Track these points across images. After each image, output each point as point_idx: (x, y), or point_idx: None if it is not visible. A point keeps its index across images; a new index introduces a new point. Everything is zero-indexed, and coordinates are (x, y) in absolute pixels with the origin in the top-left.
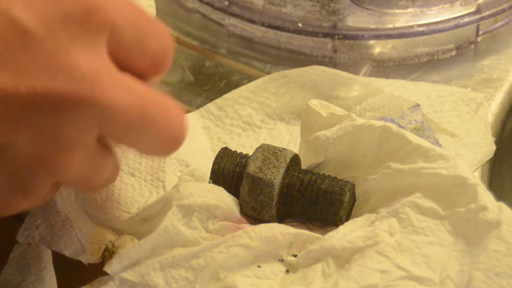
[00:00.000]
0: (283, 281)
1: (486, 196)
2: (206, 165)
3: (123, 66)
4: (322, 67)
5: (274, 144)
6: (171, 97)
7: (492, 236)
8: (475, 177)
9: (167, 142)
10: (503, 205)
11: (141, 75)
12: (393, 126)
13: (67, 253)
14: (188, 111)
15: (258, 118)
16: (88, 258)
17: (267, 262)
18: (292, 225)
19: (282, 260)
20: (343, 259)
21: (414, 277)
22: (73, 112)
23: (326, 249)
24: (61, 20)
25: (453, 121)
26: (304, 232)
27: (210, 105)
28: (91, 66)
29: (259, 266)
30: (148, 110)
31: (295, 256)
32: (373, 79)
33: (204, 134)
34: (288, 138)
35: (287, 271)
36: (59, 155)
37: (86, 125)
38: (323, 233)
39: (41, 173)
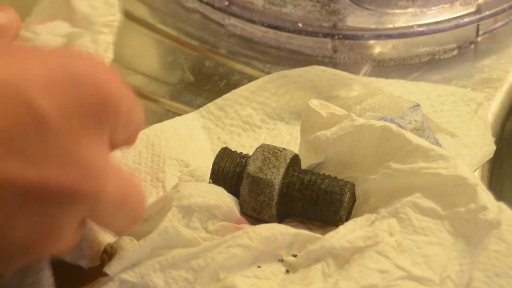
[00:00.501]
0: (283, 281)
1: (486, 196)
2: (206, 165)
3: None
4: (322, 67)
5: (274, 144)
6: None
7: (492, 236)
8: (475, 177)
9: (134, 221)
10: (503, 205)
11: (114, 145)
12: (393, 126)
13: (67, 258)
14: (188, 111)
15: (258, 118)
16: (87, 263)
17: (267, 263)
18: (292, 225)
19: (282, 260)
20: (343, 259)
21: (414, 277)
22: (74, 204)
23: (326, 249)
24: (78, 109)
25: (453, 121)
26: (304, 232)
27: (210, 105)
28: (98, 161)
29: (259, 267)
30: (130, 196)
31: (295, 256)
32: (373, 79)
33: (204, 134)
34: (288, 138)
35: (287, 271)
36: (50, 240)
37: (81, 214)
38: (323, 233)
39: (29, 253)
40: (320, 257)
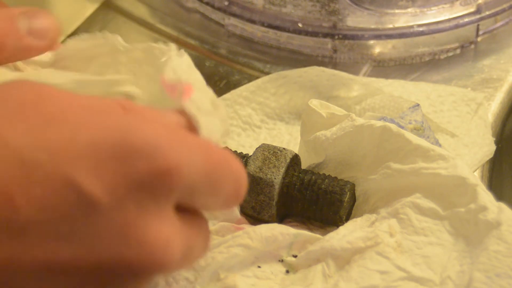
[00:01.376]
0: (283, 282)
1: (486, 196)
2: None
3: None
4: (322, 68)
5: (274, 144)
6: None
7: (492, 237)
8: (475, 177)
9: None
10: (503, 205)
11: (205, 208)
12: (393, 126)
13: None
14: None
15: (257, 118)
16: None
17: (267, 263)
18: (292, 225)
19: (282, 261)
20: (343, 260)
21: (414, 277)
22: (141, 280)
23: (326, 249)
24: (130, 187)
25: (453, 121)
26: (304, 233)
27: None
28: (161, 235)
29: (259, 267)
30: (195, 248)
31: (295, 256)
32: (373, 79)
33: None
34: (288, 138)
35: (287, 271)
36: None
37: (150, 281)
38: (323, 233)
39: None
40: (320, 257)
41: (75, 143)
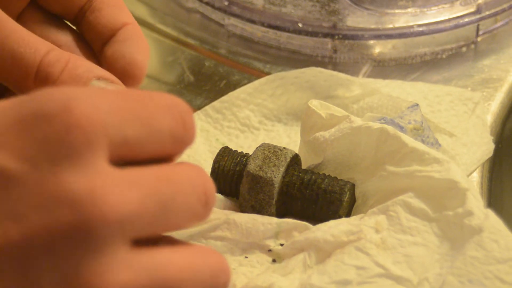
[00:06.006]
0: (267, 270)
1: (474, 202)
2: (205, 169)
3: (140, 157)
4: (319, 69)
5: None
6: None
7: (472, 242)
8: (468, 182)
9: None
10: (490, 212)
11: (166, 158)
12: (390, 129)
13: None
14: None
15: (255, 120)
16: None
17: (255, 253)
18: None
19: (270, 251)
20: (325, 252)
21: (392, 276)
22: (87, 240)
23: (310, 240)
24: (39, 148)
25: (450, 120)
26: (288, 220)
27: (208, 108)
28: (86, 184)
29: (246, 257)
30: (177, 195)
31: (282, 245)
32: (370, 80)
33: (201, 137)
34: (287, 140)
35: (274, 260)
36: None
37: (112, 244)
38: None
39: None
40: (304, 247)
41: None
